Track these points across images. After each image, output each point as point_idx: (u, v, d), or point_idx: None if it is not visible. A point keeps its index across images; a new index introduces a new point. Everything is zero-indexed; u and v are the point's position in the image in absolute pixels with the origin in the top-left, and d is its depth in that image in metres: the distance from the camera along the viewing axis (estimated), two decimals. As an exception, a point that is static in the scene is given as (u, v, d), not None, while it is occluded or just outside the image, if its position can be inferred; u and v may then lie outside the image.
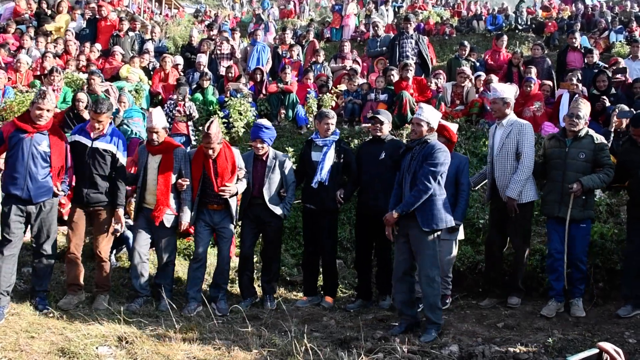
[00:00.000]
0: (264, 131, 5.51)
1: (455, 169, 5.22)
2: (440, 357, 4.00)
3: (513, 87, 5.46)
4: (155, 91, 10.00)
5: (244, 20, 18.71)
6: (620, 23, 14.19)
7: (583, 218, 4.94)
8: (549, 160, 5.17)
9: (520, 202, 5.05)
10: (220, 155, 5.31)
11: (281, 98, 9.18)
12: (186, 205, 5.31)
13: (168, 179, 5.22)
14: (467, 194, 5.32)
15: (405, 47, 10.22)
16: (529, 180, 5.07)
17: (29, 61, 9.85)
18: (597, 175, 4.89)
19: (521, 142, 5.07)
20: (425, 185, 4.39)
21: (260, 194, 5.51)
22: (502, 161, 5.14)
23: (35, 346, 3.93)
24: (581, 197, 4.90)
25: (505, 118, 5.20)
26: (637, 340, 4.31)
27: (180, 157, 5.33)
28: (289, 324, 4.75)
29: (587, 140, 4.98)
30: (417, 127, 4.61)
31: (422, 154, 4.50)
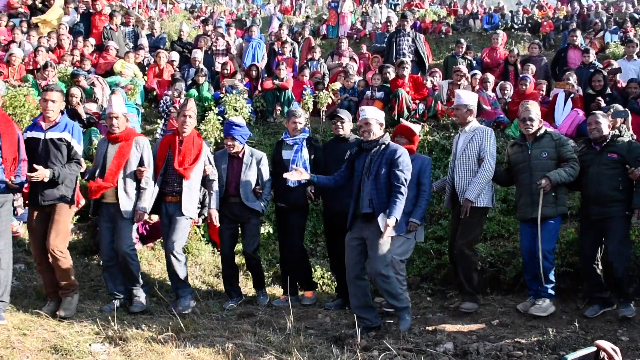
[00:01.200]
0: (234, 129, 5.43)
1: (417, 170, 5.21)
2: (435, 354, 4.00)
3: (475, 95, 5.52)
4: (150, 87, 9.94)
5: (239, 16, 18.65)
6: (615, 23, 14.23)
7: (555, 214, 4.96)
8: (514, 166, 5.21)
9: (475, 206, 5.02)
10: (188, 139, 5.21)
11: (277, 95, 9.15)
12: (145, 194, 5.06)
13: (121, 161, 4.97)
14: (428, 195, 5.25)
15: (402, 44, 10.21)
16: (488, 186, 5.08)
17: (21, 55, 9.77)
18: (563, 170, 4.92)
19: (483, 146, 5.07)
20: (404, 190, 4.39)
21: (236, 192, 5.44)
22: (463, 166, 5.14)
23: (27, 343, 3.90)
24: (551, 194, 4.91)
25: (468, 125, 5.24)
26: (630, 338, 4.34)
27: (142, 146, 5.11)
28: (284, 321, 4.75)
29: (547, 139, 5.06)
30: (367, 127, 4.59)
31: (386, 158, 4.46)
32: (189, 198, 5.18)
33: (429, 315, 5.13)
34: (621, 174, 4.83)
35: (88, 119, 7.60)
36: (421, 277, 6.29)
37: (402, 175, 4.40)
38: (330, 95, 8.92)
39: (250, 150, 5.59)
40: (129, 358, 3.78)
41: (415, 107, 8.62)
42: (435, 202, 6.86)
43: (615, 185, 4.84)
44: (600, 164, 4.91)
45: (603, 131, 4.96)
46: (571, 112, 7.87)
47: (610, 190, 4.83)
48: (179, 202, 5.16)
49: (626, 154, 4.83)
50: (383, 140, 4.57)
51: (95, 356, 3.80)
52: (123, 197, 4.97)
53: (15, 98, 7.21)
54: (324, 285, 6.36)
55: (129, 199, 5.00)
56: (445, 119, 8.47)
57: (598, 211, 4.90)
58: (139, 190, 5.05)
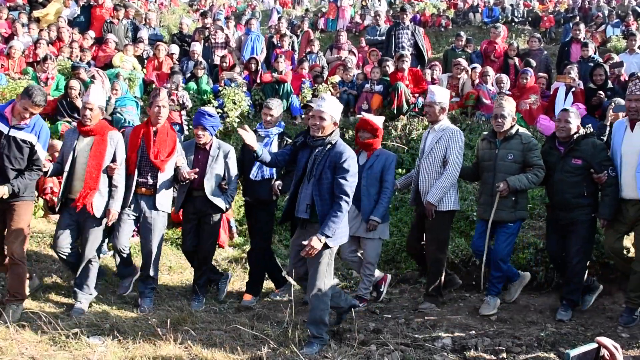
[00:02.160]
0: (206, 118, 5.16)
1: (381, 166, 5.20)
2: (433, 349, 4.00)
3: (448, 92, 5.42)
4: (149, 80, 9.91)
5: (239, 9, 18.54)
6: (617, 17, 14.15)
7: (512, 219, 4.86)
8: (481, 162, 5.12)
9: (440, 210, 4.95)
10: (162, 130, 4.99)
11: (275, 88, 9.12)
12: (117, 193, 4.79)
13: (100, 162, 4.68)
14: (390, 192, 5.24)
15: (402, 38, 10.17)
16: (452, 188, 4.98)
17: (21, 48, 9.74)
18: (525, 176, 4.79)
19: (450, 148, 4.95)
20: (347, 202, 3.90)
21: (201, 185, 5.12)
22: (428, 166, 5.04)
23: (26, 335, 3.90)
24: (510, 198, 4.80)
25: (438, 123, 5.10)
26: (630, 335, 4.33)
27: (116, 141, 4.82)
28: (282, 315, 4.75)
29: (516, 141, 4.89)
30: (319, 122, 3.99)
31: (330, 160, 3.95)
32: (164, 192, 5.00)
33: (427, 311, 5.11)
34: (585, 179, 4.72)
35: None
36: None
37: (347, 184, 3.88)
38: (329, 88, 8.89)
39: (218, 142, 5.31)
40: (127, 351, 3.79)
41: (414, 101, 8.60)
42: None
43: (580, 192, 4.72)
44: (564, 171, 4.77)
45: (571, 131, 4.80)
46: (572, 106, 7.83)
47: (575, 197, 4.73)
48: (152, 196, 4.95)
49: (590, 159, 4.69)
50: (330, 139, 4.01)
51: (93, 348, 3.80)
52: (95, 195, 4.70)
53: (15, 91, 7.19)
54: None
55: (101, 196, 4.73)
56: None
57: (564, 216, 4.82)
58: (111, 188, 4.78)
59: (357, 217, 5.22)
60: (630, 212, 4.55)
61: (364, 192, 5.17)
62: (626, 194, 4.55)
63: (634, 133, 4.57)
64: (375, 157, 5.25)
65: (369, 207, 5.18)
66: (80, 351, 3.75)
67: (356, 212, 5.22)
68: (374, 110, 8.59)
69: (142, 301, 4.95)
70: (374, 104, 8.64)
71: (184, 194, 5.21)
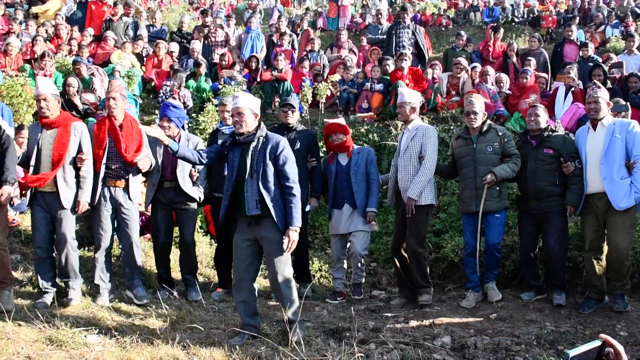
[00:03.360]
0: (171, 110, 5.17)
1: (365, 161, 5.47)
2: (433, 348, 3.98)
3: (418, 93, 5.73)
4: (148, 77, 9.88)
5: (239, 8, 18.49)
6: (616, 17, 14.14)
7: (499, 208, 5.09)
8: (459, 159, 5.29)
9: (419, 204, 5.07)
10: (126, 124, 4.97)
11: (275, 86, 9.10)
12: (86, 184, 4.77)
13: (63, 152, 4.64)
14: (377, 183, 5.50)
15: (402, 37, 10.15)
16: (430, 183, 5.13)
17: (19, 45, 9.70)
18: (507, 165, 5.03)
19: (425, 145, 5.12)
20: (297, 187, 3.99)
21: (172, 176, 5.16)
22: (405, 164, 5.19)
23: (22, 334, 3.87)
24: (495, 189, 5.03)
25: (411, 122, 5.28)
26: (628, 333, 4.32)
27: (80, 132, 4.80)
28: (281, 314, 4.73)
29: (492, 134, 5.14)
30: (240, 117, 3.99)
31: (270, 152, 3.96)
32: (135, 184, 5.03)
33: (426, 309, 5.11)
34: (557, 169, 4.99)
35: (85, 110, 7.54)
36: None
37: (292, 171, 3.98)
38: (329, 87, 8.87)
39: (186, 134, 5.37)
40: (124, 349, 3.76)
41: (414, 100, 8.57)
42: None
43: (552, 180, 4.98)
44: (537, 160, 5.03)
45: (541, 124, 5.09)
46: (571, 106, 7.82)
47: (548, 185, 4.98)
48: (126, 188, 4.95)
49: (561, 149, 4.97)
50: (260, 133, 4.04)
51: (91, 347, 3.78)
52: (63, 186, 4.69)
53: (12, 88, 7.15)
54: (322, 278, 6.33)
55: (69, 188, 4.72)
56: (444, 111, 8.42)
57: (537, 205, 5.03)
58: (79, 179, 4.77)
59: (351, 215, 5.44)
60: (599, 205, 4.81)
61: (356, 189, 5.44)
62: (592, 188, 4.84)
63: (596, 132, 4.89)
64: (357, 155, 5.53)
65: (363, 201, 5.44)
66: (77, 350, 3.72)
67: (350, 210, 5.44)
68: (374, 109, 8.58)
69: (136, 291, 4.98)
70: (374, 103, 8.63)
71: (155, 186, 5.19)
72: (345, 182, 5.48)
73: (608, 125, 4.82)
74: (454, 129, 7.96)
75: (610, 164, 4.72)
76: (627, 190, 4.66)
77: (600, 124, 4.86)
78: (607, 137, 4.77)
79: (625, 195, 4.65)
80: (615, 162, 4.71)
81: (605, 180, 4.72)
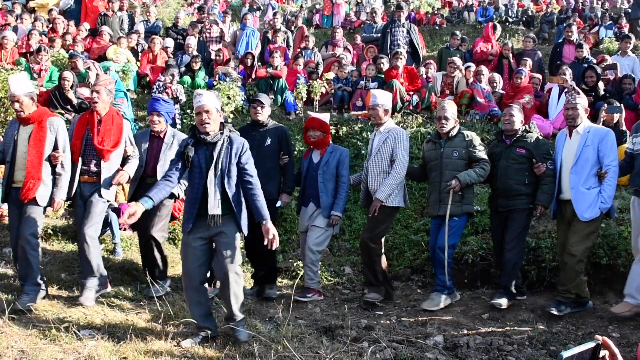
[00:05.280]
0: (161, 104, 5.09)
1: (336, 162, 5.36)
2: (426, 347, 4.00)
3: (390, 95, 5.70)
4: (143, 73, 9.84)
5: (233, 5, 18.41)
6: (610, 19, 14.22)
7: (460, 213, 5.09)
8: (428, 162, 5.33)
9: (385, 205, 5.09)
10: (107, 118, 4.85)
11: (270, 83, 9.09)
12: (62, 181, 4.64)
13: (41, 150, 4.53)
14: (347, 186, 5.40)
15: (397, 35, 10.16)
16: (400, 186, 5.16)
17: (14, 38, 9.63)
18: (473, 170, 5.05)
19: (396, 148, 5.13)
20: (258, 190, 3.96)
21: (154, 172, 5.07)
22: (376, 167, 5.21)
23: (15, 328, 3.86)
24: (457, 193, 5.03)
25: (383, 125, 5.29)
26: (620, 334, 4.35)
27: (56, 127, 4.66)
28: (274, 311, 4.74)
29: (459, 139, 5.16)
30: (208, 116, 3.89)
31: (235, 153, 3.93)
32: (108, 180, 4.87)
33: (418, 308, 5.13)
34: (528, 169, 5.02)
35: (79, 104, 7.49)
36: (412, 269, 6.30)
37: (253, 170, 3.99)
38: (323, 84, 8.87)
39: (173, 131, 5.28)
40: (118, 345, 3.75)
41: (409, 99, 8.60)
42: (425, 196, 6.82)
43: (522, 179, 5.02)
44: (509, 159, 5.07)
45: (515, 124, 5.13)
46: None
47: (517, 184, 5.02)
48: (96, 183, 4.81)
49: (533, 150, 5.01)
50: (225, 134, 3.99)
51: (84, 342, 3.77)
52: (40, 185, 4.56)
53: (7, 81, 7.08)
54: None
55: (44, 184, 4.59)
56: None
57: (505, 203, 5.09)
58: (55, 176, 4.64)
59: (313, 212, 5.36)
60: (568, 211, 4.86)
61: (322, 188, 5.34)
62: (565, 195, 4.89)
63: (572, 139, 4.91)
64: (329, 154, 5.43)
65: (328, 202, 5.34)
66: (70, 345, 3.72)
67: (314, 208, 5.36)
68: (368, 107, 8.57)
69: (84, 292, 4.67)
70: (369, 101, 8.62)
71: (136, 181, 5.14)
72: (313, 181, 5.41)
73: (582, 132, 4.83)
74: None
75: (579, 174, 4.75)
76: (592, 201, 4.67)
77: (575, 132, 4.87)
78: (580, 145, 4.79)
79: (590, 206, 4.67)
80: (585, 171, 4.74)
81: (573, 190, 4.76)
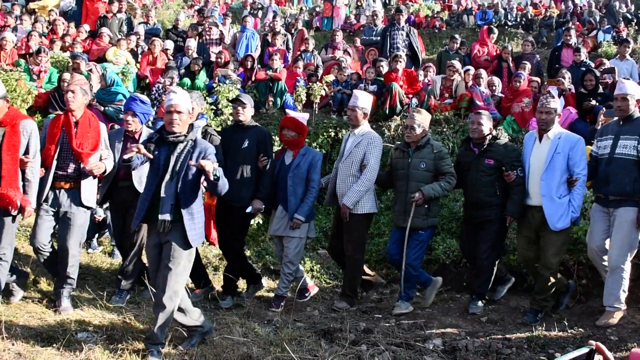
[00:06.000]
0: (137, 104, 4.87)
1: (308, 165, 5.22)
2: (424, 350, 4.00)
3: (370, 97, 5.61)
4: (143, 74, 9.84)
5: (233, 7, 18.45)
6: (608, 23, 14.25)
7: (425, 226, 5.03)
8: (395, 171, 5.26)
9: (356, 213, 5.07)
10: (83, 120, 4.63)
11: (269, 86, 9.09)
12: (31, 188, 4.37)
13: (16, 155, 4.24)
14: (316, 192, 5.25)
15: (397, 38, 10.17)
16: (369, 192, 5.13)
17: (14, 39, 9.62)
18: (438, 184, 4.99)
19: (368, 153, 5.09)
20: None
21: (127, 175, 4.81)
22: (346, 169, 5.17)
23: (12, 331, 3.85)
24: (423, 206, 4.97)
25: (358, 127, 5.24)
26: (619, 337, 4.35)
27: (30, 132, 4.37)
28: (272, 314, 4.73)
29: (427, 150, 5.08)
30: (178, 116, 3.75)
31: (196, 157, 3.73)
32: (89, 185, 4.64)
33: (418, 311, 5.13)
34: (498, 179, 4.95)
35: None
36: None
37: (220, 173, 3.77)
38: (323, 87, 8.87)
39: (148, 131, 5.03)
40: (116, 347, 3.75)
41: (408, 102, 8.61)
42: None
43: (492, 191, 4.95)
44: (478, 170, 5.00)
45: (483, 132, 5.03)
46: (563, 110, 7.87)
47: (487, 196, 4.96)
48: (75, 190, 4.57)
49: (502, 158, 4.92)
50: (191, 137, 3.82)
51: (82, 344, 3.76)
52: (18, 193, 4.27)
53: (7, 82, 7.10)
54: (313, 278, 6.33)
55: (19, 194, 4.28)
56: (438, 114, 8.44)
57: (476, 214, 5.06)
58: (24, 182, 4.34)
59: (284, 217, 5.21)
60: (536, 217, 4.77)
61: (291, 191, 5.16)
62: (532, 201, 4.80)
63: (541, 144, 4.81)
64: (301, 157, 5.24)
65: (295, 206, 5.15)
66: (68, 347, 3.71)
67: (283, 213, 5.21)
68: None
69: (60, 301, 4.51)
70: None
71: (108, 183, 4.93)
72: (283, 183, 5.21)
73: (553, 138, 4.73)
74: (446, 132, 7.99)
75: (550, 181, 4.67)
76: (564, 210, 4.61)
77: (546, 136, 4.77)
78: (550, 151, 4.69)
79: (562, 215, 4.61)
80: (555, 179, 4.65)
81: (545, 197, 4.67)
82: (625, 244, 4.48)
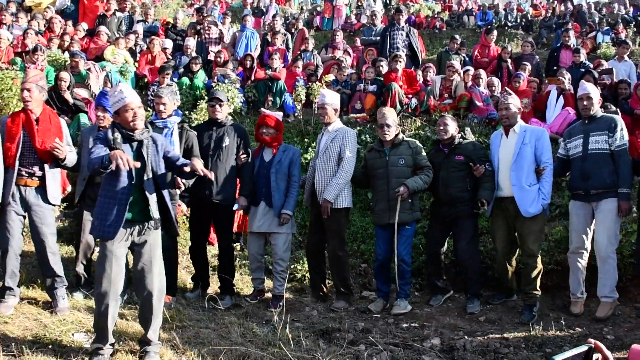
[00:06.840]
0: (107, 98, 4.65)
1: (289, 161, 5.32)
2: (422, 350, 3.99)
3: (338, 95, 5.69)
4: (141, 73, 9.83)
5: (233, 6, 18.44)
6: (607, 24, 14.27)
7: (411, 220, 5.16)
8: (372, 171, 5.33)
9: (336, 207, 5.12)
10: (44, 117, 4.51)
11: (269, 85, 9.08)
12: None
13: None
14: (298, 186, 5.38)
15: (396, 38, 10.16)
16: (347, 187, 5.20)
17: (9, 37, 9.58)
18: (419, 177, 5.10)
19: (343, 147, 5.16)
20: None
21: None
22: (324, 165, 5.23)
23: (8, 332, 3.83)
24: (407, 201, 5.08)
25: (331, 124, 5.32)
26: (615, 336, 4.36)
27: None
28: (271, 313, 4.72)
29: (404, 147, 5.21)
30: (139, 111, 3.60)
31: (163, 151, 3.70)
32: (54, 183, 4.56)
33: (416, 310, 5.13)
34: (468, 175, 5.13)
35: (75, 104, 7.46)
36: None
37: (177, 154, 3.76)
38: (322, 87, 8.86)
39: None
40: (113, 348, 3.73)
41: (407, 102, 8.60)
42: (426, 198, 6.82)
43: (464, 186, 5.14)
44: (449, 167, 5.17)
45: (449, 132, 5.22)
46: (562, 111, 7.89)
47: (459, 191, 5.14)
48: (40, 188, 4.47)
49: (471, 154, 5.13)
50: (150, 133, 3.72)
51: (78, 345, 3.74)
52: None
53: (2, 81, 7.06)
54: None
55: None
56: (437, 114, 8.44)
57: (448, 212, 5.19)
58: None
59: (267, 213, 5.24)
60: (510, 209, 4.97)
61: (274, 187, 5.23)
62: (504, 192, 5.02)
63: (508, 138, 5.07)
64: (282, 153, 5.35)
65: (280, 202, 5.23)
66: (65, 348, 3.69)
67: (267, 209, 5.24)
68: (367, 110, 8.59)
69: (56, 302, 4.49)
70: (367, 104, 8.64)
71: (85, 180, 4.87)
72: (265, 179, 5.26)
73: (519, 132, 4.98)
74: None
75: (519, 171, 4.89)
76: (535, 197, 4.83)
77: (512, 131, 5.02)
78: (518, 144, 4.94)
79: (533, 201, 4.82)
80: (524, 169, 4.88)
81: (515, 187, 4.89)
82: (612, 234, 4.72)
